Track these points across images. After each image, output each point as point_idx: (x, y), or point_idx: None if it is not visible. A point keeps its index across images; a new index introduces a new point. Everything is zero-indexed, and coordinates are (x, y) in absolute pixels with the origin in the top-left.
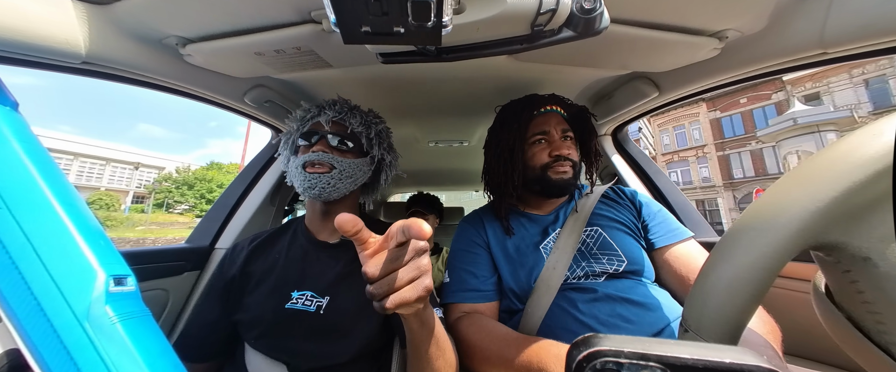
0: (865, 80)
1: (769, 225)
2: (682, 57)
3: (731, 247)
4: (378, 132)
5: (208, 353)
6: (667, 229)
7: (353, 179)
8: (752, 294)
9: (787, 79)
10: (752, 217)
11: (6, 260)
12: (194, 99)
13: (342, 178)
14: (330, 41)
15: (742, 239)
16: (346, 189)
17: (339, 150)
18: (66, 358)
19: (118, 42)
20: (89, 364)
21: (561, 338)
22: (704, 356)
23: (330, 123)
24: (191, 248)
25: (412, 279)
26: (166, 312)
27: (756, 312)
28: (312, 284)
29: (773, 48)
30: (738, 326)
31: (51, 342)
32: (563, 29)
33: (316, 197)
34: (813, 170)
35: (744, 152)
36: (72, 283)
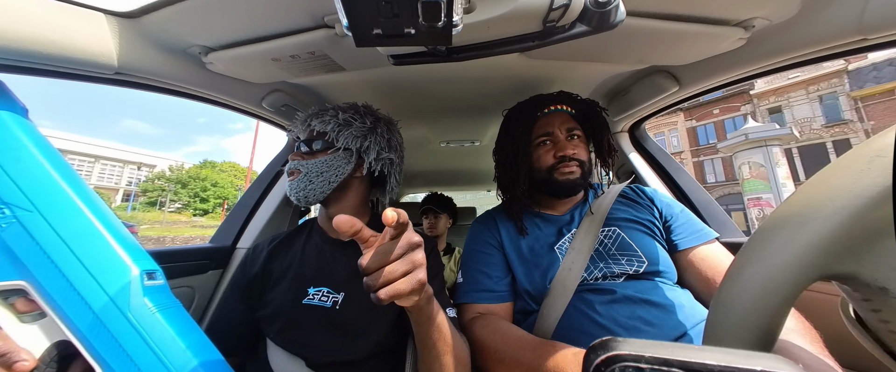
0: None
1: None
2: (704, 49)
3: (761, 246)
4: (342, 122)
5: (233, 347)
6: (690, 230)
7: (324, 177)
8: (783, 298)
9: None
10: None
11: (46, 261)
12: (216, 105)
13: (311, 178)
14: (342, 45)
15: (774, 238)
16: (325, 188)
17: (309, 154)
18: (116, 345)
19: (147, 52)
20: (137, 350)
21: (577, 340)
22: (733, 363)
23: (304, 132)
24: (214, 247)
25: (406, 272)
26: (192, 309)
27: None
28: (327, 280)
29: (806, 36)
30: (769, 332)
31: (100, 332)
32: (576, 24)
33: (296, 201)
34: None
35: (716, 159)
36: (110, 278)
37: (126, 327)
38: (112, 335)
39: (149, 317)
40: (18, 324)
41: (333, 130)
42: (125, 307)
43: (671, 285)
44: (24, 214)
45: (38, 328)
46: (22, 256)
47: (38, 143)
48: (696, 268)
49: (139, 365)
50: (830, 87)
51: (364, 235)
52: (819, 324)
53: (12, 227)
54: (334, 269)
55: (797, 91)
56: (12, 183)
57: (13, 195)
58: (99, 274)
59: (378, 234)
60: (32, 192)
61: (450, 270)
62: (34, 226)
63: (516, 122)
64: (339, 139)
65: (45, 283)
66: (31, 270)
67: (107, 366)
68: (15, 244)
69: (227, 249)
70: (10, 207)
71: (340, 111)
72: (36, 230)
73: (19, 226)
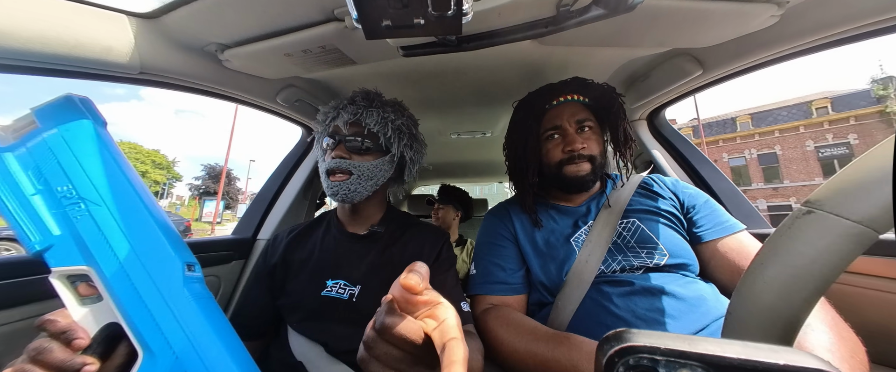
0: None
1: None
2: (731, 28)
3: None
4: (397, 128)
5: (256, 332)
6: (715, 221)
7: (373, 181)
8: (811, 290)
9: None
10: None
11: (109, 250)
12: (233, 101)
13: (361, 181)
14: (353, 38)
15: (805, 228)
16: (369, 190)
17: (358, 151)
18: (157, 330)
19: (167, 52)
20: (175, 336)
21: (593, 332)
22: (753, 357)
23: (347, 125)
24: (237, 239)
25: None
26: (218, 297)
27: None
28: (345, 273)
29: (848, 10)
30: (793, 325)
31: (144, 318)
32: (591, 7)
33: (341, 202)
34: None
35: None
36: (158, 268)
37: (167, 314)
38: (155, 321)
39: (186, 306)
40: (78, 306)
41: (390, 136)
42: (168, 295)
43: (693, 278)
44: (95, 208)
45: (94, 310)
46: (90, 244)
47: (112, 148)
48: (722, 258)
49: (176, 350)
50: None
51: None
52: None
53: (84, 219)
54: (351, 262)
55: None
56: (89, 181)
57: (88, 191)
58: (149, 264)
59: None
60: (104, 189)
61: (462, 261)
62: (102, 219)
63: (525, 114)
64: (394, 146)
65: (106, 269)
66: (95, 258)
67: (148, 349)
68: (86, 234)
69: (249, 240)
70: (85, 201)
71: (391, 112)
72: (103, 222)
73: (90, 218)
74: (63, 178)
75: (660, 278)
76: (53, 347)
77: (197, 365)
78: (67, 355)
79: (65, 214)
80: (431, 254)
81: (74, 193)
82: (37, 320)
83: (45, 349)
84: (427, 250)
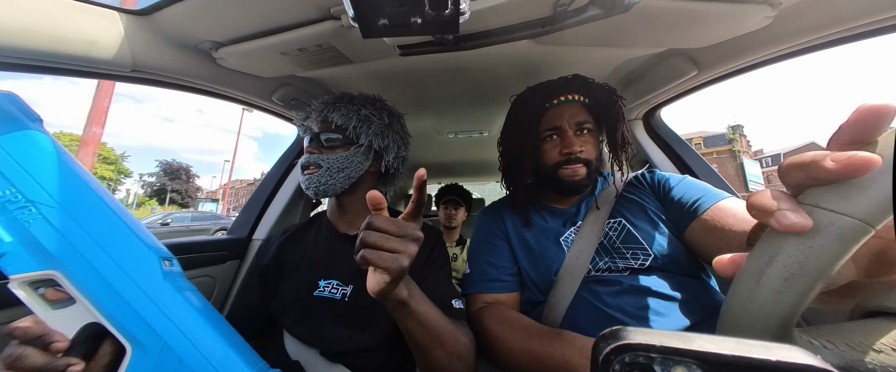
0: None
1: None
2: (726, 29)
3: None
4: (364, 118)
5: (250, 333)
6: (697, 195)
7: (345, 173)
8: (807, 286)
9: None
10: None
11: (72, 251)
12: (228, 100)
13: (332, 173)
14: (349, 36)
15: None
16: (343, 183)
17: (328, 147)
18: (143, 323)
19: (160, 49)
20: (162, 326)
21: (585, 330)
22: (748, 353)
23: (318, 123)
24: (232, 239)
25: (394, 250)
26: (213, 297)
27: None
28: (337, 273)
29: (841, 11)
30: (788, 322)
31: (126, 313)
32: (588, 7)
33: (314, 195)
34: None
35: None
36: (132, 263)
37: (150, 306)
38: (138, 314)
39: (170, 297)
40: (50, 310)
41: (356, 127)
42: (148, 289)
43: (679, 277)
44: (47, 210)
45: (68, 312)
46: (50, 248)
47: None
48: (714, 225)
49: (165, 339)
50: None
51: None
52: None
53: (38, 222)
54: (343, 261)
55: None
56: (35, 182)
57: (37, 193)
58: (121, 260)
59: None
60: (53, 189)
61: (462, 260)
62: (58, 220)
63: (523, 111)
64: (362, 136)
65: (73, 271)
66: (59, 260)
67: (135, 342)
68: (43, 237)
69: (244, 241)
70: (35, 204)
71: (360, 105)
72: (60, 224)
73: (44, 221)
74: (3, 182)
75: (646, 279)
76: (29, 353)
77: (191, 352)
78: (47, 359)
79: (13, 220)
80: (423, 252)
81: (20, 196)
82: (6, 328)
83: (21, 356)
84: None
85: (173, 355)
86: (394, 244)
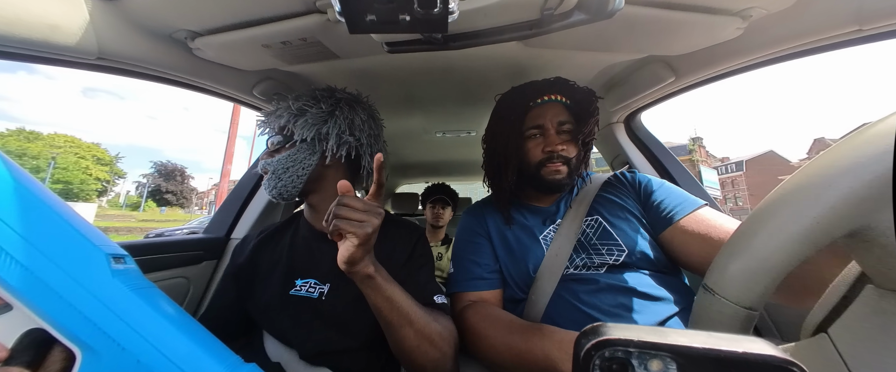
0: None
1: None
2: (701, 38)
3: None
4: (295, 112)
5: (228, 335)
6: (676, 201)
7: (291, 172)
8: (771, 280)
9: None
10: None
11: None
12: (205, 93)
13: (278, 176)
14: (336, 31)
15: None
16: (296, 182)
17: (274, 150)
18: (91, 326)
19: (129, 37)
20: (114, 327)
21: (564, 327)
22: (717, 345)
23: (265, 131)
24: (208, 238)
25: (358, 221)
26: (188, 299)
27: None
28: (314, 272)
29: (803, 26)
30: (752, 315)
31: (71, 315)
32: (574, 12)
33: (276, 199)
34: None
35: None
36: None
37: (97, 307)
38: (85, 317)
39: (121, 296)
40: None
41: (289, 122)
42: (95, 289)
43: (652, 273)
44: None
45: (6, 319)
46: None
47: None
48: (689, 234)
49: (117, 340)
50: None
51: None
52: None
53: None
54: (320, 260)
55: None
56: None
57: None
58: (61, 259)
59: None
60: None
61: (448, 259)
62: None
63: (508, 110)
64: (296, 131)
65: (5, 276)
66: None
67: (84, 346)
68: None
69: (221, 240)
70: None
71: (293, 100)
72: None
73: None
74: None
75: (621, 275)
76: None
77: (150, 351)
78: None
79: None
80: (405, 251)
81: None
82: None
83: None
84: (400, 247)
85: (129, 357)
86: (360, 216)
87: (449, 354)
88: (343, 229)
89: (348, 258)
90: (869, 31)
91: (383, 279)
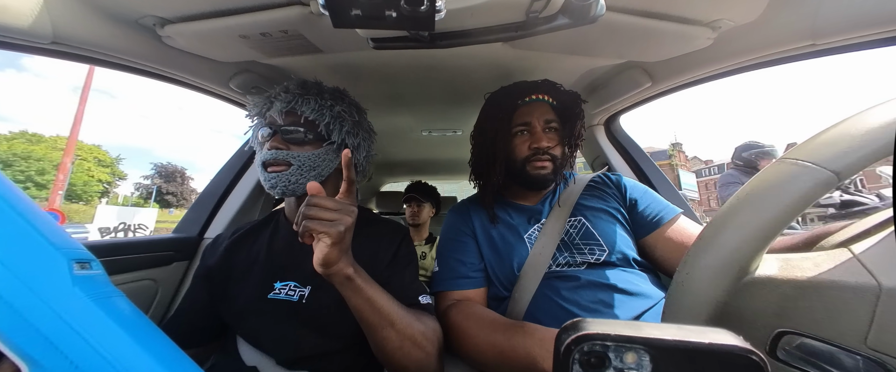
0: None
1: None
2: (675, 46)
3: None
4: (336, 115)
5: (193, 339)
6: (657, 209)
7: (317, 171)
8: (733, 277)
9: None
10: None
11: None
12: (176, 84)
13: (303, 172)
14: (319, 25)
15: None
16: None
17: (296, 142)
18: (42, 339)
19: (89, 21)
20: (68, 342)
21: (546, 324)
22: (685, 337)
23: (282, 115)
24: (179, 238)
25: (330, 220)
26: (156, 303)
27: None
28: (295, 273)
29: (766, 39)
30: (719, 308)
31: (20, 327)
32: (558, 16)
33: (280, 195)
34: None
35: None
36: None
37: (50, 318)
38: (36, 329)
39: (80, 306)
40: None
41: (329, 124)
42: (49, 298)
43: (629, 271)
44: None
45: None
46: None
47: None
48: (667, 241)
49: (68, 355)
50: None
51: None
52: None
53: None
54: (302, 261)
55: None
56: None
57: None
58: (16, 266)
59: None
60: None
61: (431, 258)
62: None
63: (497, 107)
64: (334, 134)
65: None
66: None
67: (31, 360)
68: None
69: (194, 240)
70: None
71: (331, 100)
72: None
73: None
74: None
75: (601, 273)
76: None
77: (104, 369)
78: None
79: None
80: (389, 251)
81: None
82: None
83: None
84: (384, 247)
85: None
86: (332, 215)
87: (433, 354)
88: (314, 230)
89: (323, 260)
90: (822, 46)
91: (363, 281)
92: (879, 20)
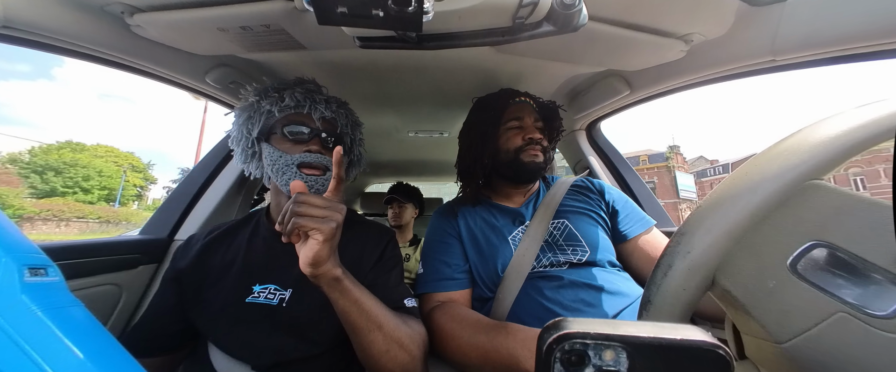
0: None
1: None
2: (652, 57)
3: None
4: (352, 124)
5: (160, 346)
6: (635, 219)
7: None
8: (704, 277)
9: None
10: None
11: None
12: (147, 76)
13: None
14: (303, 20)
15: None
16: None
17: (328, 149)
18: None
19: (47, 5)
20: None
21: (528, 323)
22: (660, 334)
23: (322, 121)
24: (146, 239)
25: (320, 217)
26: (119, 310)
27: None
28: (276, 277)
29: (731, 53)
30: (691, 307)
31: None
32: (543, 23)
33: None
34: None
35: None
36: None
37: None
38: None
39: (27, 319)
40: None
41: (351, 136)
42: None
43: (609, 270)
44: None
45: None
46: None
47: None
48: (640, 251)
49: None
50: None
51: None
52: None
53: None
54: (283, 265)
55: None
56: None
57: None
58: None
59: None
60: None
61: (415, 260)
62: None
63: (488, 106)
64: (355, 147)
65: None
66: None
67: None
68: None
69: (163, 242)
70: None
71: (345, 110)
72: None
73: None
74: None
75: (582, 273)
76: None
77: None
78: None
79: None
80: (374, 253)
81: None
82: None
83: None
84: (369, 249)
85: None
86: (322, 212)
87: (418, 357)
88: (305, 227)
89: (313, 258)
90: (781, 62)
91: (351, 282)
92: (833, 40)
